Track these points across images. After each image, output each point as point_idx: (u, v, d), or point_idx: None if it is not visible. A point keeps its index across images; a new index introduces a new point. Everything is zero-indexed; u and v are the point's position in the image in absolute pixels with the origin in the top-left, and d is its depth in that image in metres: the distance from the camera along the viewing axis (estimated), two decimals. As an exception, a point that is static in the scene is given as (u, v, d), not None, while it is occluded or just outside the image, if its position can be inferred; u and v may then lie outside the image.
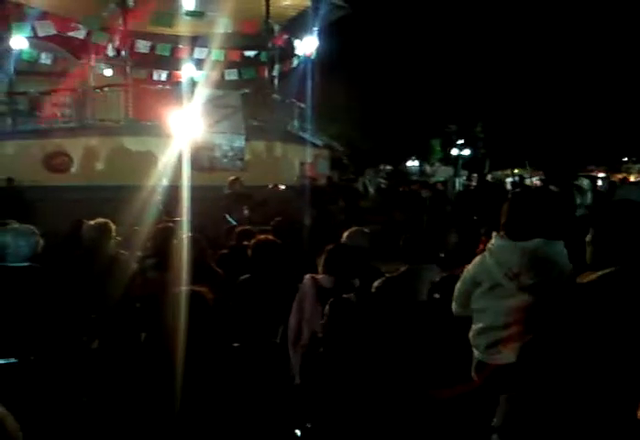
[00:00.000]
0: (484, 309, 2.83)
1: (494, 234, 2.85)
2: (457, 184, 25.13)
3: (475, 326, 2.89)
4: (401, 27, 27.22)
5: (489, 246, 2.83)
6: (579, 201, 7.76)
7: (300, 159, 14.78)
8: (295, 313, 3.82)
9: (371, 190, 24.63)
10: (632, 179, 23.74)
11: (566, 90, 27.28)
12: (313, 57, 15.68)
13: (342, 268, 3.77)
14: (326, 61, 16.85)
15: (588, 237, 2.33)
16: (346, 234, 4.44)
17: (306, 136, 15.67)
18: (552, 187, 9.67)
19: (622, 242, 2.16)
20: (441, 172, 30.71)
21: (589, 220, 2.41)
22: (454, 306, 3.01)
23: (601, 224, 2.28)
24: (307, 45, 15.67)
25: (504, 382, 2.67)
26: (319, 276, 3.78)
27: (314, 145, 15.91)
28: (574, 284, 2.33)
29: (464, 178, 23.53)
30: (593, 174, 22.73)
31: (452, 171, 30.81)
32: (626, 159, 30.53)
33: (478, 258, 2.89)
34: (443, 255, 5.09)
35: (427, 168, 30.99)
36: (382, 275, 4.03)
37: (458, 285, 2.97)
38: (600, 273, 2.18)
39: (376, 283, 3.77)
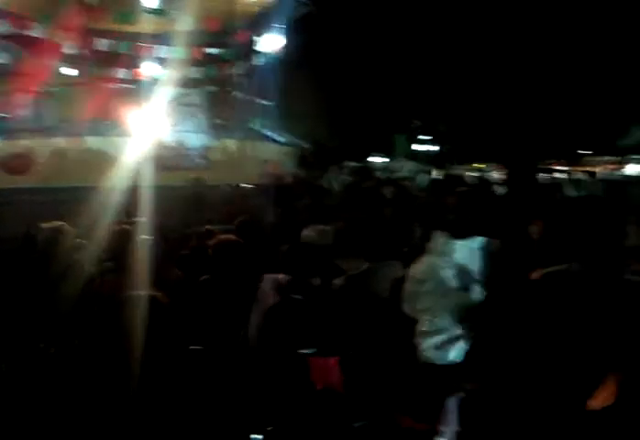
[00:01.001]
0: (429, 308, 2.83)
1: (438, 233, 2.86)
2: (422, 180, 25.34)
3: (421, 326, 2.88)
4: (366, 24, 27.31)
5: (434, 245, 2.84)
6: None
7: (264, 158, 14.75)
8: (256, 313, 3.81)
9: (336, 187, 24.65)
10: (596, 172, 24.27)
11: (526, 85, 27.72)
12: (277, 54, 15.63)
13: (298, 266, 3.76)
14: (291, 59, 16.81)
15: (535, 234, 2.37)
16: (305, 232, 4.44)
17: (271, 134, 15.63)
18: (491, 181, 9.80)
19: (573, 240, 2.19)
20: (406, 168, 30.91)
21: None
22: (405, 306, 3.00)
23: (554, 221, 2.32)
24: (271, 42, 15.61)
25: (452, 382, 2.70)
26: (279, 275, 3.77)
27: (279, 143, 15.90)
28: (523, 281, 2.37)
29: (428, 173, 23.69)
30: (553, 167, 23.14)
31: (417, 167, 31.04)
32: (585, 152, 31.18)
33: (422, 257, 2.90)
34: (406, 250, 5.13)
35: (392, 164, 31.15)
36: (344, 273, 4.03)
37: (406, 285, 2.98)
38: (549, 270, 2.21)
39: (337, 281, 3.78)
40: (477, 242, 2.76)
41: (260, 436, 3.21)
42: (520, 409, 2.14)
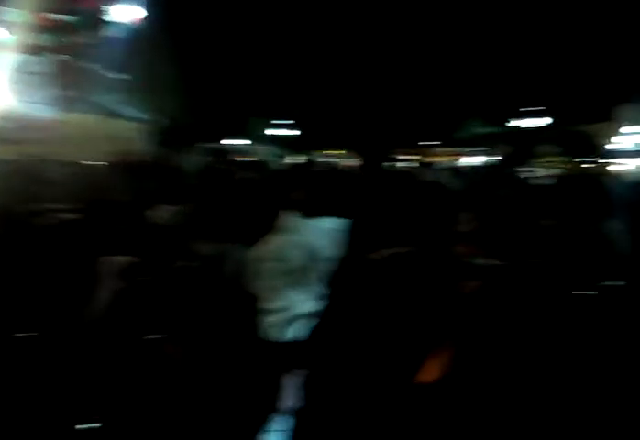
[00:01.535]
0: (267, 287, 2.86)
1: (283, 211, 2.88)
2: (275, 164, 25.52)
3: (261, 304, 2.91)
4: (229, 4, 26.74)
5: (281, 223, 2.86)
6: None
7: (117, 134, 14.03)
8: (99, 297, 3.65)
9: (192, 167, 24.09)
10: (431, 161, 25.91)
11: (374, 78, 28.80)
12: (135, 26, 14.84)
13: (140, 247, 3.65)
14: (150, 32, 16.06)
15: (380, 217, 2.48)
16: (151, 211, 4.32)
17: (125, 109, 14.88)
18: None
19: (415, 224, 2.33)
20: (258, 152, 30.97)
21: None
22: (248, 285, 3.02)
23: (396, 205, 2.44)
24: (128, 13, 14.78)
25: (291, 360, 2.76)
26: (117, 257, 3.64)
27: (133, 119, 15.18)
28: (365, 260, 2.48)
29: (281, 157, 23.93)
30: (398, 156, 24.34)
31: (270, 151, 31.19)
32: (427, 142, 33.15)
33: (267, 236, 2.91)
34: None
35: (245, 147, 31.04)
36: (193, 254, 3.99)
37: (251, 263, 2.98)
38: (391, 251, 2.34)
39: (182, 263, 3.73)
40: (326, 222, 2.81)
41: (88, 426, 3.09)
42: (358, 384, 2.24)
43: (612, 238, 5.37)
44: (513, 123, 29.40)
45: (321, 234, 2.78)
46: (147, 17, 15.34)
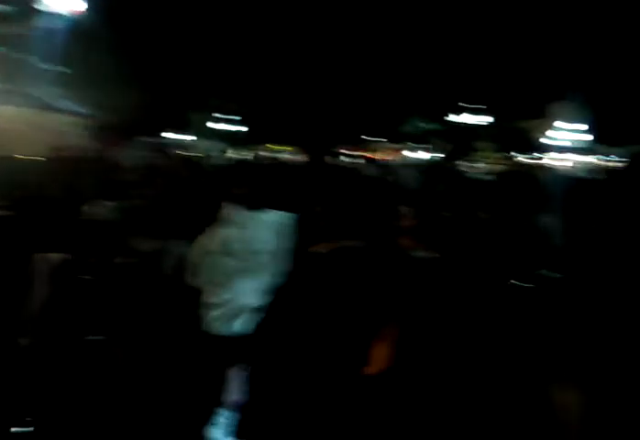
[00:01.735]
0: (212, 280, 2.83)
1: (228, 204, 2.86)
2: (217, 159, 25.26)
3: (205, 298, 2.88)
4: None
5: (227, 216, 2.84)
6: None
7: (53, 128, 13.55)
8: (33, 296, 3.53)
9: (133, 162, 23.58)
10: (372, 156, 26.29)
11: (318, 75, 28.89)
12: (74, 17, 14.36)
13: (73, 244, 3.54)
14: (90, 24, 15.58)
15: (322, 211, 2.49)
16: (86, 207, 4.21)
17: (62, 103, 14.39)
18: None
19: (359, 218, 2.34)
20: (202, 146, 30.59)
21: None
22: (187, 276, 2.99)
23: (340, 199, 2.45)
24: (67, 4, 14.29)
25: (236, 354, 2.75)
26: (51, 254, 3.53)
27: (72, 113, 14.70)
28: (309, 254, 2.48)
29: (223, 152, 23.71)
30: (340, 151, 24.55)
31: (212, 145, 30.86)
32: (371, 138, 33.58)
33: (212, 229, 2.88)
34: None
35: (189, 141, 30.64)
36: (132, 251, 3.91)
37: (190, 256, 2.95)
38: (336, 245, 2.34)
39: (120, 259, 3.65)
40: (270, 215, 2.80)
41: (24, 429, 2.99)
42: (303, 378, 2.24)
43: (545, 231, 5.55)
44: (454, 119, 30.02)
45: (265, 227, 2.77)
46: (87, 9, 14.87)
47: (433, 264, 4.58)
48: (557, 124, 30.74)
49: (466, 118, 29.63)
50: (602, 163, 26.75)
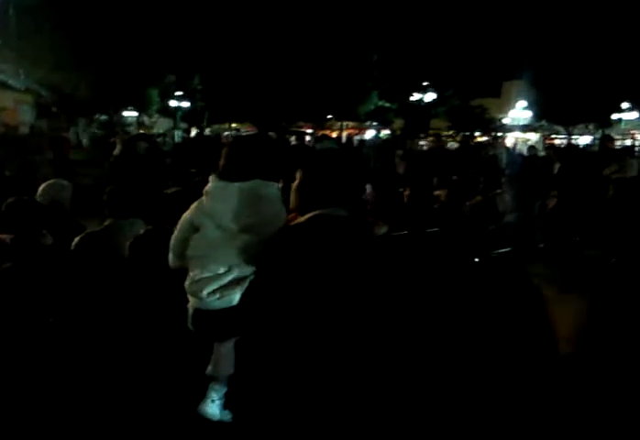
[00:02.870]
0: (203, 254, 2.78)
1: (211, 176, 2.83)
2: (175, 137, 24.88)
3: (193, 273, 2.81)
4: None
5: (206, 188, 2.80)
6: None
7: (3, 105, 13.12)
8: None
9: (85, 140, 23.00)
10: (334, 135, 26.38)
11: (278, 51, 28.56)
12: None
13: (22, 223, 3.46)
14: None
15: (294, 184, 2.48)
16: (41, 187, 4.12)
17: (4, 78, 13.90)
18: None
19: (326, 188, 2.34)
20: (160, 124, 30.02)
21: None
22: (170, 258, 2.91)
23: (306, 171, 2.44)
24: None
25: (225, 327, 2.74)
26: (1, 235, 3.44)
27: (14, 89, 14.23)
28: (287, 225, 2.49)
29: (183, 130, 23.35)
30: (302, 130, 24.54)
31: (171, 124, 30.32)
32: (329, 116, 33.54)
33: (195, 203, 2.85)
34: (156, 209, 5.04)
35: (146, 119, 30.02)
36: (84, 230, 3.84)
37: (175, 233, 2.89)
38: (307, 216, 2.34)
39: (76, 239, 3.59)
40: (254, 185, 2.77)
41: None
42: (290, 351, 2.23)
43: (501, 208, 5.67)
44: (414, 98, 30.17)
45: (248, 197, 2.75)
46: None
47: (393, 240, 4.65)
48: (510, 102, 31.25)
49: (426, 97, 29.80)
50: (554, 141, 27.35)
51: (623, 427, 1.46)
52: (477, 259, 4.48)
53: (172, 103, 29.52)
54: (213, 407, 2.91)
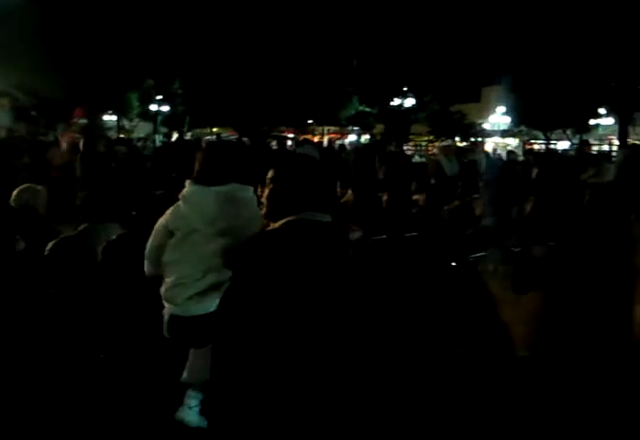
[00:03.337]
0: (179, 259, 2.77)
1: (188, 181, 2.82)
2: (156, 141, 24.71)
3: (169, 279, 2.80)
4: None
5: (183, 193, 2.78)
6: None
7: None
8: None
9: (65, 145, 22.71)
10: (315, 139, 26.37)
11: (260, 55, 28.57)
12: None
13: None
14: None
15: (265, 194, 2.46)
16: (15, 192, 4.08)
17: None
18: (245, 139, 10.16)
19: (298, 194, 2.33)
20: (141, 128, 29.81)
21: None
22: (146, 265, 2.88)
23: (278, 179, 2.43)
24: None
25: (201, 334, 2.70)
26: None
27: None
28: (263, 230, 2.47)
29: (163, 135, 23.20)
30: (284, 135, 24.50)
31: (151, 128, 30.12)
32: (310, 121, 33.60)
33: (171, 208, 2.83)
34: (134, 213, 4.99)
35: (126, 123, 29.81)
36: (59, 235, 3.80)
37: (150, 240, 2.86)
38: (282, 221, 2.33)
39: (50, 244, 3.55)
40: (230, 188, 2.76)
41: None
42: (265, 357, 2.20)
43: (478, 212, 5.71)
44: (395, 103, 30.33)
45: (220, 198, 2.74)
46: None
47: (369, 245, 4.66)
48: (489, 108, 31.54)
49: (406, 102, 29.96)
50: (533, 146, 27.64)
51: (579, 428, 1.48)
52: (454, 264, 4.51)
53: (153, 107, 29.39)
54: (190, 414, 2.89)
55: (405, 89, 29.65)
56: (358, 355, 2.30)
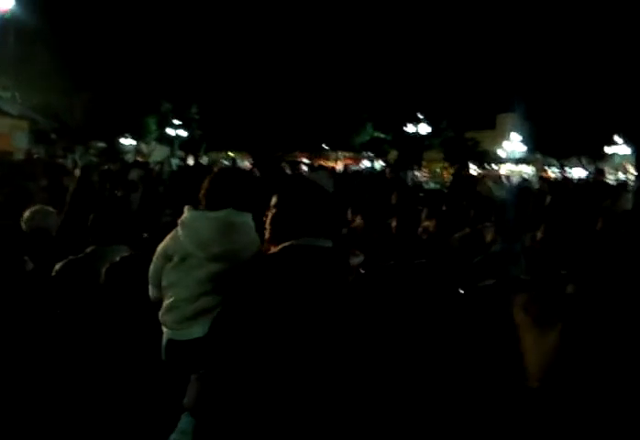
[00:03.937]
0: (175, 283, 2.80)
1: (186, 207, 2.85)
2: (173, 165, 24.95)
3: (165, 303, 2.83)
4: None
5: (181, 218, 2.82)
6: None
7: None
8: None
9: (81, 167, 22.97)
10: (330, 164, 26.46)
11: (276, 82, 28.94)
12: (7, 16, 14.00)
13: (7, 250, 3.46)
14: (27, 23, 15.19)
15: (269, 215, 2.47)
16: (26, 214, 4.12)
17: (8, 106, 14.01)
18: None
19: (298, 219, 2.32)
20: (158, 152, 30.19)
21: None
22: (150, 289, 2.91)
23: (280, 204, 2.43)
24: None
25: (195, 358, 2.69)
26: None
27: (9, 115, 14.31)
28: (258, 255, 2.46)
29: (179, 159, 23.45)
30: (298, 160, 24.65)
31: (168, 151, 30.49)
32: (325, 146, 33.84)
33: (170, 233, 2.85)
34: (145, 236, 5.01)
35: (144, 147, 30.20)
36: (66, 256, 3.83)
37: (152, 264, 2.87)
38: (280, 246, 2.32)
39: (57, 266, 3.58)
40: (226, 214, 2.79)
41: None
42: (262, 380, 2.18)
43: (488, 239, 5.65)
44: (410, 130, 30.48)
45: (222, 226, 2.77)
46: (26, 7, 14.45)
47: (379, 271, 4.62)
48: (504, 135, 31.57)
49: (418, 128, 30.11)
50: (551, 175, 27.52)
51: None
52: (462, 291, 4.46)
53: (170, 131, 29.79)
54: (184, 438, 2.86)
55: (420, 116, 29.80)
56: (354, 385, 2.25)
